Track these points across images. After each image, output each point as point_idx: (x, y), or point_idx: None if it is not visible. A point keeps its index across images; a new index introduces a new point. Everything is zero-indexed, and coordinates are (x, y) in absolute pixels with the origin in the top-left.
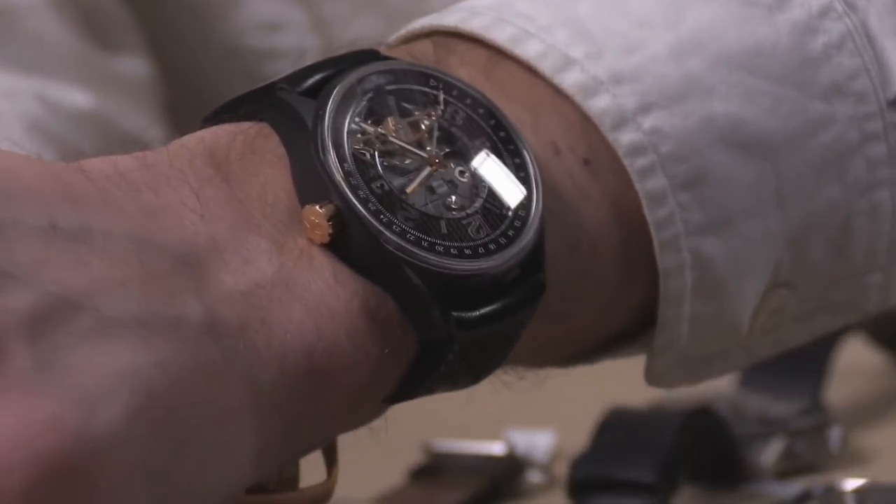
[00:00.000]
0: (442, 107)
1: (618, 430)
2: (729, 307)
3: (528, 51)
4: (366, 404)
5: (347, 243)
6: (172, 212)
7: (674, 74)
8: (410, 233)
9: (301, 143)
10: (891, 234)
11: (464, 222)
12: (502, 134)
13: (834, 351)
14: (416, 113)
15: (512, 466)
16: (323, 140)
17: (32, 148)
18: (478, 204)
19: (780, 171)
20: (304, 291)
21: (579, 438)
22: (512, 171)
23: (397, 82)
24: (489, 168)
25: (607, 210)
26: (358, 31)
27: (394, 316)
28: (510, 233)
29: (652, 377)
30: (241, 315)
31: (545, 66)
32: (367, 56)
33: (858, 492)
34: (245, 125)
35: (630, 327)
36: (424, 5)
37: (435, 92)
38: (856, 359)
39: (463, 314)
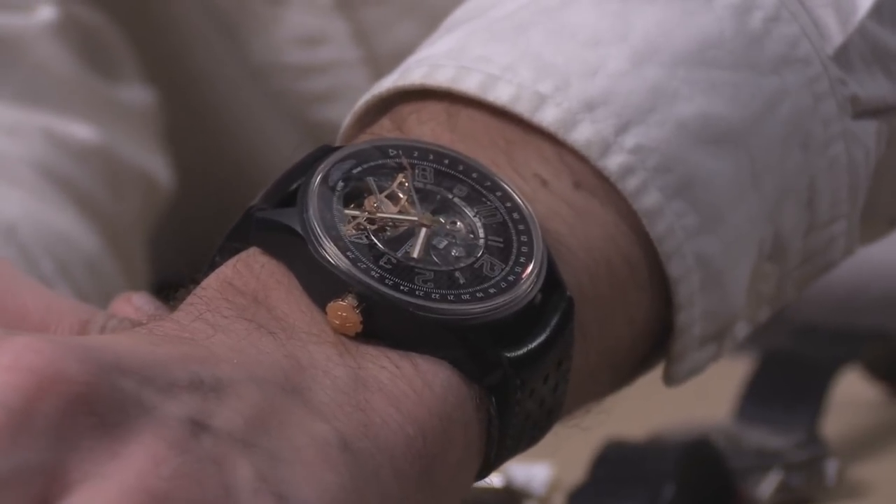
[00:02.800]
0: (409, 170)
1: (615, 462)
2: (728, 294)
3: (501, 96)
4: (464, 479)
5: (380, 325)
6: (251, 344)
7: (639, 87)
8: (434, 292)
9: (297, 249)
10: (849, 182)
11: (476, 266)
12: (475, 175)
13: (830, 384)
14: (389, 184)
15: (509, 498)
16: (319, 238)
17: (39, 185)
18: (481, 245)
19: (752, 155)
20: (378, 385)
21: (577, 470)
22: (497, 203)
23: (361, 163)
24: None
25: (610, 225)
26: (399, 38)
27: (455, 377)
28: (522, 259)
29: (672, 380)
30: (351, 428)
31: (521, 109)
32: (323, 152)
33: None
34: (242, 256)
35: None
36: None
37: (397, 160)
38: (852, 391)
39: (513, 353)
